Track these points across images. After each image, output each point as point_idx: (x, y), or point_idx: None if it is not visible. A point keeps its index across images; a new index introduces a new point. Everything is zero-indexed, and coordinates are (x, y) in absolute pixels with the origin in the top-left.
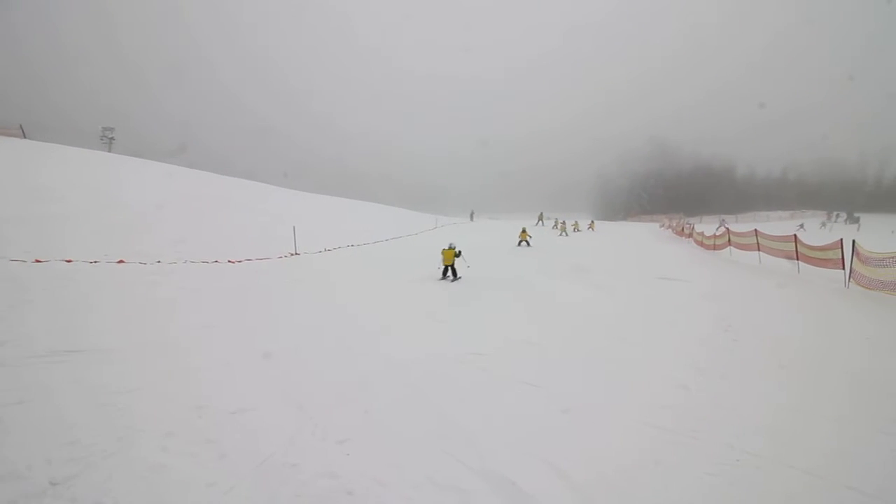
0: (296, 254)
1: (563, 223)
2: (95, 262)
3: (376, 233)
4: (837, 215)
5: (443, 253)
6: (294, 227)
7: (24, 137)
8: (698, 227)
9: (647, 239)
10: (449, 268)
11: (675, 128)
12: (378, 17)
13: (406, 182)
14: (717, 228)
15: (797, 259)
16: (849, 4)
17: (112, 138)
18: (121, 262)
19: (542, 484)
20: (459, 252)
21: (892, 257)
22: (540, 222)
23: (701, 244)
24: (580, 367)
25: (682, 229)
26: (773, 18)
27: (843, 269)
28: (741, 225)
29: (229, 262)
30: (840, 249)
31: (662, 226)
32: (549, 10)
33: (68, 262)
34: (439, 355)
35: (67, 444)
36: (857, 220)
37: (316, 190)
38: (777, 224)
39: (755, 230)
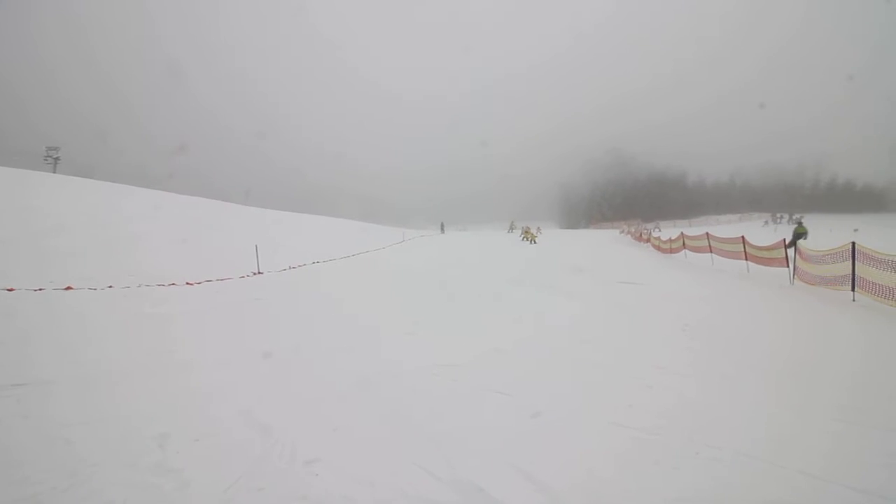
0: (259, 273)
1: (528, 228)
2: (41, 289)
3: (342, 248)
4: (781, 216)
5: (527, 233)
6: (256, 246)
7: None
8: (655, 233)
9: (607, 245)
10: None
11: (632, 140)
12: (345, 25)
13: (372, 196)
14: (652, 231)
15: (746, 259)
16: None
17: (57, 158)
18: (69, 288)
19: (512, 489)
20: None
21: (830, 254)
22: (511, 230)
23: (658, 248)
24: (548, 373)
25: (641, 235)
26: (747, 41)
27: (788, 266)
28: (694, 229)
29: (187, 283)
30: (783, 248)
31: (622, 232)
32: (518, 31)
33: (10, 290)
34: (409, 368)
35: (16, 482)
36: (799, 221)
37: (277, 206)
38: (727, 227)
39: (706, 233)
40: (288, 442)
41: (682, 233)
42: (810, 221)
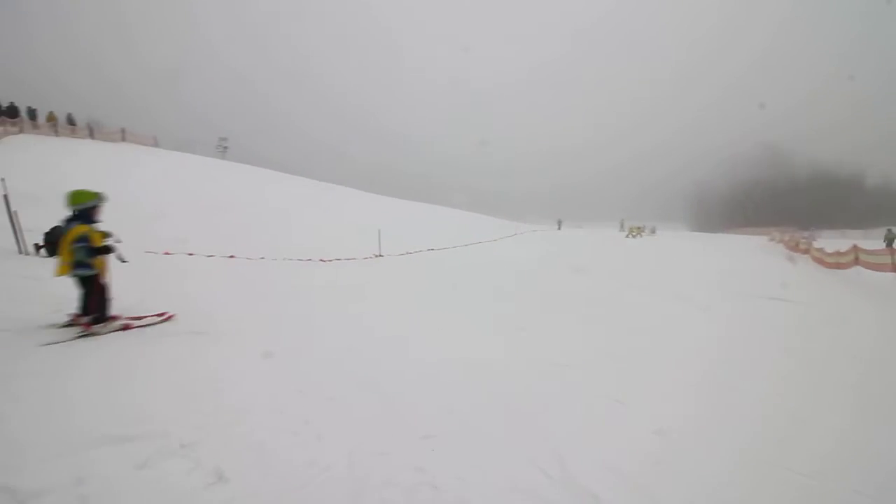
0: (380, 255)
1: (634, 227)
2: (211, 256)
3: (455, 238)
4: None
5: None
6: (379, 231)
7: (157, 146)
8: (817, 244)
9: (752, 253)
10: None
11: (787, 130)
12: (422, 23)
13: (487, 189)
14: (811, 241)
15: None
16: None
17: (226, 147)
18: (232, 257)
19: (629, 502)
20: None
21: None
22: (622, 229)
23: (820, 262)
24: (676, 389)
25: (798, 244)
26: None
27: None
28: (871, 242)
29: (321, 260)
30: None
31: (772, 239)
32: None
33: (190, 255)
34: (525, 362)
35: (193, 412)
36: (889, 228)
37: (392, 194)
38: None
39: (892, 248)
40: (406, 414)
41: (854, 245)
42: None
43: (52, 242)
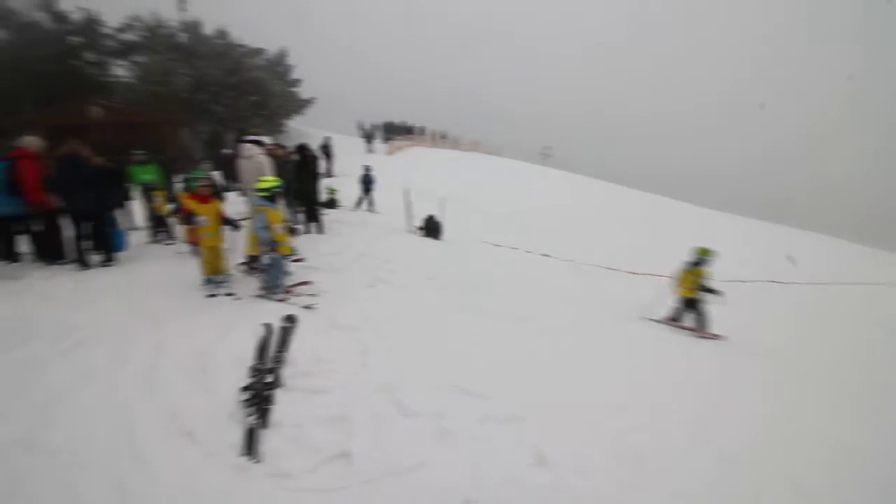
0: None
1: None
2: (515, 248)
3: (804, 270)
4: None
5: None
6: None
7: (498, 155)
8: None
9: None
10: None
11: None
12: None
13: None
14: None
15: None
16: None
17: (549, 155)
18: (545, 255)
19: None
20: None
21: None
22: None
23: None
24: None
25: None
26: None
27: None
28: None
29: (628, 272)
30: None
31: None
32: None
33: (497, 245)
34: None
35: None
36: None
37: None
38: None
39: None
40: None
41: None
42: None
43: (428, 227)
